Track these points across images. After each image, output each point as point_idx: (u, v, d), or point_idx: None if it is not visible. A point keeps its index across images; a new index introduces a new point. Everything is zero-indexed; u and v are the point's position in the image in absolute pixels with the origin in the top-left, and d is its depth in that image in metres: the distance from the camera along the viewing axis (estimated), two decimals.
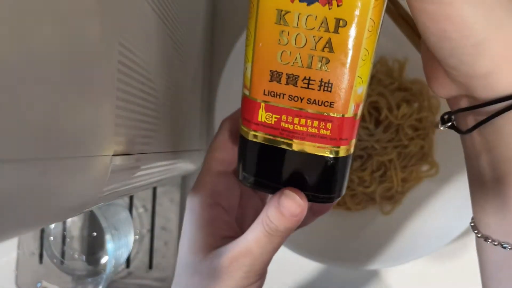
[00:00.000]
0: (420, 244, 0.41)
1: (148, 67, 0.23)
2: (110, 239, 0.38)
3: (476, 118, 0.21)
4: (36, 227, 0.18)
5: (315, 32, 0.19)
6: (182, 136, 0.34)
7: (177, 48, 0.30)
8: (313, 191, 0.22)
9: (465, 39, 0.18)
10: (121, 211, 0.42)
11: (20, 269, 0.43)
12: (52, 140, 0.14)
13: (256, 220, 0.23)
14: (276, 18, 0.19)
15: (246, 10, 0.19)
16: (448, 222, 0.41)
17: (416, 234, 0.42)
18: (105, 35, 0.18)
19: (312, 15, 0.18)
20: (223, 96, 0.40)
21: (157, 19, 0.25)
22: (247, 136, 0.21)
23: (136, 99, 0.22)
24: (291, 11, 0.18)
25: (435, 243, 0.40)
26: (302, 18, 0.18)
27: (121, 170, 0.20)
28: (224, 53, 0.47)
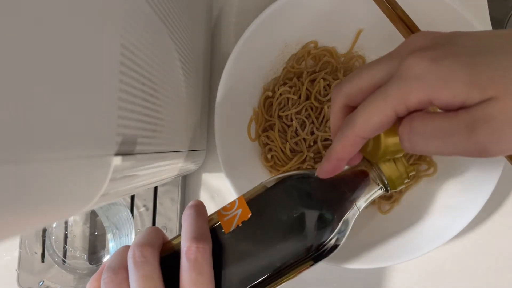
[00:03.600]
0: (419, 243, 0.41)
1: (149, 68, 0.23)
2: (112, 238, 0.38)
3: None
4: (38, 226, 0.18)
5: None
6: (183, 136, 0.34)
7: (178, 49, 0.30)
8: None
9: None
10: (122, 211, 0.42)
11: (22, 268, 0.43)
12: (54, 140, 0.14)
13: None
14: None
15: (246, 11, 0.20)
16: (446, 221, 0.41)
17: (415, 233, 0.42)
18: (107, 37, 0.18)
19: None
20: (223, 97, 0.40)
21: (158, 20, 0.25)
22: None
23: (137, 99, 0.22)
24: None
25: (433, 242, 0.41)
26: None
27: (123, 170, 0.20)
28: (225, 53, 0.47)
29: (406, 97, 0.20)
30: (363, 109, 0.22)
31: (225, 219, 0.26)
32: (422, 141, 0.20)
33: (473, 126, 0.18)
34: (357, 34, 0.44)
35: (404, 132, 0.21)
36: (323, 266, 0.46)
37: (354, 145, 0.23)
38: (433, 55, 0.20)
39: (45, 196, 0.15)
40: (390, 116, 0.21)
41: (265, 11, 0.39)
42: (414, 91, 0.20)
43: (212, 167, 0.48)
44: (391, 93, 0.21)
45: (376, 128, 0.22)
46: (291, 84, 0.44)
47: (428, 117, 0.20)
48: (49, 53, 0.14)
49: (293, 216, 0.26)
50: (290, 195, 0.27)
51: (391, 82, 0.21)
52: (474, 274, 0.48)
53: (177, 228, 0.45)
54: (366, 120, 0.22)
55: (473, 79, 0.18)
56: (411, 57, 0.20)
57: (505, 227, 0.47)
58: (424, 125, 0.20)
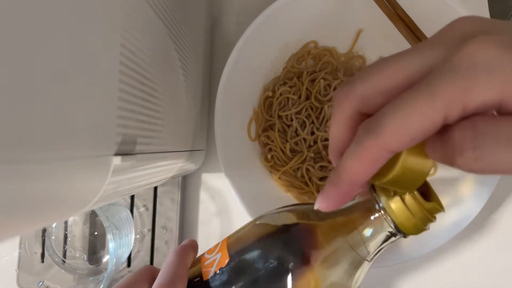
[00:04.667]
0: (418, 243, 0.41)
1: (149, 67, 0.23)
2: (111, 238, 0.38)
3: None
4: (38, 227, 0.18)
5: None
6: (183, 136, 0.34)
7: (178, 49, 0.30)
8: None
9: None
10: (122, 211, 0.42)
11: (21, 268, 0.43)
12: (53, 140, 0.14)
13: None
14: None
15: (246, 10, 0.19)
16: (446, 221, 0.41)
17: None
18: (107, 36, 0.18)
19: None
20: (223, 97, 0.40)
21: (158, 20, 0.25)
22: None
23: (137, 99, 0.22)
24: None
25: (433, 243, 0.41)
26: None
27: (122, 170, 0.20)
28: (224, 53, 0.47)
29: (466, 95, 0.14)
30: (397, 110, 0.15)
31: (205, 263, 0.24)
32: (495, 151, 0.14)
33: None
34: (358, 34, 0.44)
35: (466, 137, 0.15)
36: None
37: (376, 161, 0.16)
38: (505, 40, 0.15)
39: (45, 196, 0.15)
40: (436, 122, 0.15)
41: (265, 11, 0.39)
42: (480, 86, 0.14)
43: (212, 167, 0.48)
44: (443, 89, 0.15)
45: (414, 137, 0.15)
46: (291, 84, 0.44)
47: (502, 118, 0.14)
48: (49, 53, 0.14)
49: (271, 267, 0.22)
50: (272, 247, 0.22)
51: (438, 74, 0.15)
52: (474, 274, 0.48)
53: (177, 228, 0.45)
54: (402, 125, 0.15)
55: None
56: (473, 42, 0.15)
57: (505, 227, 0.47)
58: (497, 128, 0.14)
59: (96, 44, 0.17)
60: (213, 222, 0.48)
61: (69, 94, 0.15)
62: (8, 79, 0.12)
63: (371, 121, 0.16)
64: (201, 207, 0.48)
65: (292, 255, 0.22)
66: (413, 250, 0.41)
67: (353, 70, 0.45)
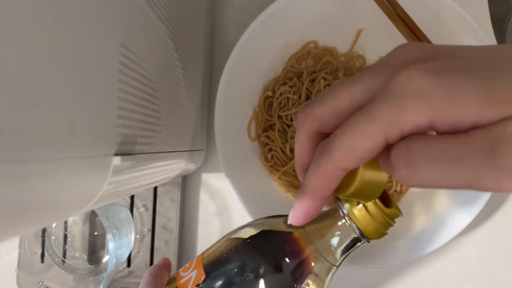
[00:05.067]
0: (419, 243, 0.41)
1: (149, 67, 0.23)
2: (111, 239, 0.38)
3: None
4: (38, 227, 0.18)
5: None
6: (183, 136, 0.34)
7: (178, 49, 0.30)
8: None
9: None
10: (122, 211, 0.42)
11: (21, 268, 0.43)
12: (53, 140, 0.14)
13: None
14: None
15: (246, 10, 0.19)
16: (446, 221, 0.41)
17: (415, 233, 0.42)
18: (107, 36, 0.18)
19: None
20: (223, 97, 0.40)
21: (158, 20, 0.25)
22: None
23: (137, 99, 0.22)
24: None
25: (433, 243, 0.40)
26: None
27: (122, 170, 0.20)
28: (224, 53, 0.47)
29: (402, 118, 0.16)
30: (344, 133, 0.18)
31: (181, 281, 0.24)
32: (425, 167, 0.16)
33: (495, 146, 0.15)
34: (358, 33, 0.44)
35: (399, 157, 0.17)
36: None
37: (333, 179, 0.19)
38: (436, 68, 0.16)
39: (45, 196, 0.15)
40: (379, 143, 0.17)
41: (265, 11, 0.39)
42: (412, 111, 0.16)
43: (212, 167, 0.48)
44: (382, 114, 0.17)
45: (361, 157, 0.17)
46: (291, 84, 0.44)
47: (431, 138, 0.16)
48: (49, 53, 0.14)
49: (247, 279, 0.22)
50: (245, 258, 0.23)
51: (380, 100, 0.17)
52: (475, 274, 0.48)
53: (177, 228, 0.45)
54: (349, 147, 0.17)
55: (489, 95, 0.15)
56: (407, 70, 0.17)
57: (505, 227, 0.47)
58: (426, 147, 0.16)
59: (96, 44, 0.17)
60: (213, 222, 0.48)
61: (69, 94, 0.15)
62: (8, 79, 0.12)
63: (325, 143, 0.19)
64: (201, 207, 0.48)
65: (266, 265, 0.23)
66: (413, 250, 0.41)
67: (353, 70, 0.45)
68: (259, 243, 0.24)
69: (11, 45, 0.12)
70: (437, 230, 0.42)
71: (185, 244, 0.47)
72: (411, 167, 0.16)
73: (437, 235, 0.41)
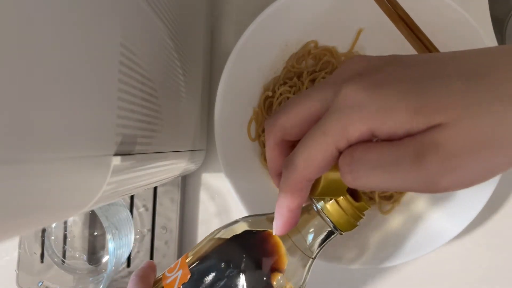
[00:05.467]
0: (419, 243, 0.41)
1: (149, 67, 0.23)
2: (111, 239, 0.38)
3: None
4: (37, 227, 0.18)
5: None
6: (183, 136, 0.34)
7: (178, 49, 0.30)
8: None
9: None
10: (121, 211, 0.42)
11: (21, 268, 0.43)
12: (53, 140, 0.14)
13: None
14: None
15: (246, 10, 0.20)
16: (446, 221, 0.41)
17: (415, 233, 0.42)
18: (106, 36, 0.18)
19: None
20: (223, 97, 0.40)
21: (158, 20, 0.25)
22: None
23: (136, 99, 0.22)
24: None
25: (433, 243, 0.40)
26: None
27: (122, 170, 0.20)
28: (225, 53, 0.47)
29: (346, 131, 0.18)
30: (303, 147, 0.20)
31: (167, 281, 0.26)
32: (365, 172, 0.18)
33: (420, 153, 0.17)
34: (358, 33, 0.44)
35: (344, 163, 0.19)
36: (323, 266, 0.46)
37: (302, 189, 0.21)
38: (371, 82, 0.18)
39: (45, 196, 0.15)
40: (332, 153, 0.19)
41: (266, 11, 0.39)
42: (354, 123, 0.18)
43: (212, 167, 0.48)
44: (330, 127, 0.19)
45: (320, 167, 0.20)
46: (291, 84, 0.44)
47: (371, 146, 0.18)
48: (48, 53, 0.14)
49: (232, 277, 0.24)
50: (228, 255, 0.25)
51: (328, 115, 0.19)
52: (475, 275, 0.48)
53: (177, 228, 0.45)
54: (308, 160, 0.20)
55: (417, 105, 0.17)
56: (347, 85, 0.19)
57: (505, 227, 0.47)
58: (366, 154, 0.18)
59: (95, 44, 0.17)
60: (213, 222, 0.48)
61: (69, 94, 0.15)
62: (8, 79, 0.12)
63: (289, 159, 0.21)
64: (201, 207, 0.48)
65: (247, 262, 0.24)
66: (413, 250, 0.41)
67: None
68: (240, 241, 0.25)
69: (10, 45, 0.12)
70: (437, 230, 0.42)
71: (185, 244, 0.47)
72: (354, 173, 0.19)
73: (437, 235, 0.41)
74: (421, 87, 0.17)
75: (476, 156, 0.16)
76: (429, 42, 0.33)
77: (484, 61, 0.17)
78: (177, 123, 0.32)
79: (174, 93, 0.30)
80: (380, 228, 0.44)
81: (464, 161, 0.16)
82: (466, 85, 0.17)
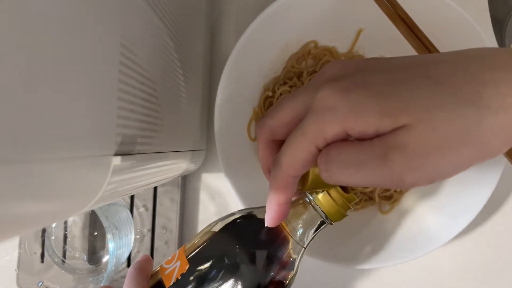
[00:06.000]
0: (419, 243, 0.41)
1: (149, 67, 0.23)
2: (111, 239, 0.38)
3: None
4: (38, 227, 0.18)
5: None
6: (183, 136, 0.34)
7: (178, 49, 0.30)
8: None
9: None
10: (122, 211, 0.42)
11: (21, 268, 0.43)
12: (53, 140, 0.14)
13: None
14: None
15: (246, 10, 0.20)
16: (446, 221, 0.41)
17: (415, 233, 0.42)
18: (106, 36, 0.18)
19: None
20: (223, 97, 0.40)
21: (158, 20, 0.25)
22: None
23: (136, 99, 0.22)
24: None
25: (433, 243, 0.40)
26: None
27: (122, 170, 0.20)
28: (224, 53, 0.47)
29: (323, 131, 0.20)
30: (287, 147, 0.22)
31: (165, 273, 0.26)
32: (338, 170, 0.20)
33: (386, 153, 0.18)
34: (358, 33, 0.44)
35: (321, 161, 0.20)
36: (323, 266, 0.46)
37: (288, 185, 0.23)
38: (343, 86, 0.20)
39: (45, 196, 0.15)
40: (312, 151, 0.21)
41: (266, 11, 0.39)
42: (329, 124, 0.19)
43: (212, 167, 0.48)
44: (309, 128, 0.20)
45: (303, 165, 0.21)
46: (291, 84, 0.44)
47: (344, 145, 0.20)
48: (48, 53, 0.14)
49: (228, 264, 0.25)
50: (224, 243, 0.26)
51: (307, 116, 0.21)
52: (474, 275, 0.48)
53: (177, 228, 0.45)
54: (291, 158, 0.21)
55: (383, 108, 0.18)
56: (323, 89, 0.20)
57: (505, 227, 0.47)
58: (339, 154, 0.20)
59: (95, 44, 0.17)
60: None
61: (69, 94, 0.15)
62: (8, 80, 0.12)
63: (275, 159, 0.22)
64: (201, 207, 0.48)
65: (244, 251, 0.25)
66: (413, 250, 0.41)
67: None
68: (236, 231, 0.26)
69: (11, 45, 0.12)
70: (436, 230, 0.42)
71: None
72: (329, 171, 0.20)
73: (437, 235, 0.41)
74: (389, 91, 0.19)
75: (436, 155, 0.18)
76: (428, 42, 0.33)
77: (447, 66, 0.19)
78: (177, 123, 0.32)
79: (174, 93, 0.30)
80: (379, 228, 0.44)
81: (425, 160, 0.18)
82: (430, 89, 0.18)
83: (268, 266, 0.25)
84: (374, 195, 0.44)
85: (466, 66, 0.19)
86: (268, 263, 0.25)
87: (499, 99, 0.17)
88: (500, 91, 0.17)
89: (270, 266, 0.25)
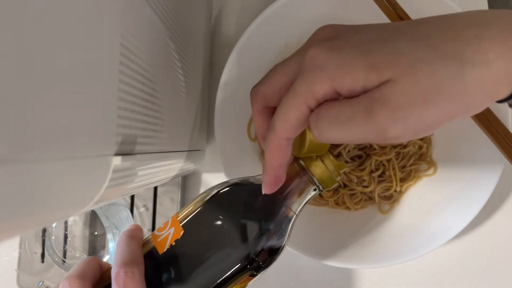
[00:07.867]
0: (419, 243, 0.41)
1: (149, 67, 0.23)
2: (111, 238, 0.38)
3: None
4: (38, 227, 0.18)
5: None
6: (183, 136, 0.34)
7: (178, 49, 0.30)
8: None
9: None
10: (122, 211, 0.42)
11: (21, 268, 0.43)
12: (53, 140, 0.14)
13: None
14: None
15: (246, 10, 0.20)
16: (446, 221, 0.41)
17: (415, 233, 0.42)
18: (107, 36, 0.18)
19: None
20: (223, 97, 0.40)
21: (158, 20, 0.25)
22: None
23: (137, 99, 0.22)
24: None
25: (433, 242, 0.40)
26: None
27: (122, 170, 0.20)
28: (224, 53, 0.47)
29: (313, 89, 0.20)
30: (279, 110, 0.22)
31: (158, 240, 0.26)
32: (327, 127, 0.20)
33: (371, 107, 0.19)
34: None
35: (312, 120, 0.21)
36: (323, 266, 0.46)
37: (282, 149, 0.23)
38: (332, 45, 0.20)
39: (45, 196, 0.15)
40: (304, 111, 0.21)
41: (265, 11, 0.39)
42: (318, 82, 0.20)
43: (212, 167, 0.48)
44: (300, 88, 0.21)
45: (295, 126, 0.22)
46: None
47: (333, 103, 0.20)
48: (48, 53, 0.14)
49: (223, 229, 0.25)
50: (218, 208, 0.26)
51: (298, 77, 0.21)
52: (474, 274, 0.48)
53: None
54: (284, 120, 0.21)
55: (370, 63, 0.19)
56: (312, 49, 0.20)
57: (505, 227, 0.47)
58: (328, 111, 0.20)
59: (96, 44, 0.17)
60: None
61: (69, 94, 0.15)
62: (8, 79, 0.12)
63: (270, 122, 0.23)
64: None
65: (239, 214, 0.26)
66: (413, 250, 0.41)
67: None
68: (231, 198, 0.27)
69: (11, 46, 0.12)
70: (436, 230, 0.42)
71: None
72: (319, 128, 0.20)
73: (436, 235, 0.41)
74: (375, 47, 0.19)
75: (418, 107, 0.18)
76: None
77: (433, 25, 0.20)
78: (177, 123, 0.32)
79: (175, 93, 0.30)
80: (379, 228, 0.44)
81: (408, 111, 0.18)
82: (413, 46, 0.19)
83: (262, 232, 0.26)
84: (374, 195, 0.44)
85: (451, 24, 0.19)
86: (261, 229, 0.26)
87: (481, 54, 0.18)
88: (483, 46, 0.18)
89: (263, 232, 0.26)
